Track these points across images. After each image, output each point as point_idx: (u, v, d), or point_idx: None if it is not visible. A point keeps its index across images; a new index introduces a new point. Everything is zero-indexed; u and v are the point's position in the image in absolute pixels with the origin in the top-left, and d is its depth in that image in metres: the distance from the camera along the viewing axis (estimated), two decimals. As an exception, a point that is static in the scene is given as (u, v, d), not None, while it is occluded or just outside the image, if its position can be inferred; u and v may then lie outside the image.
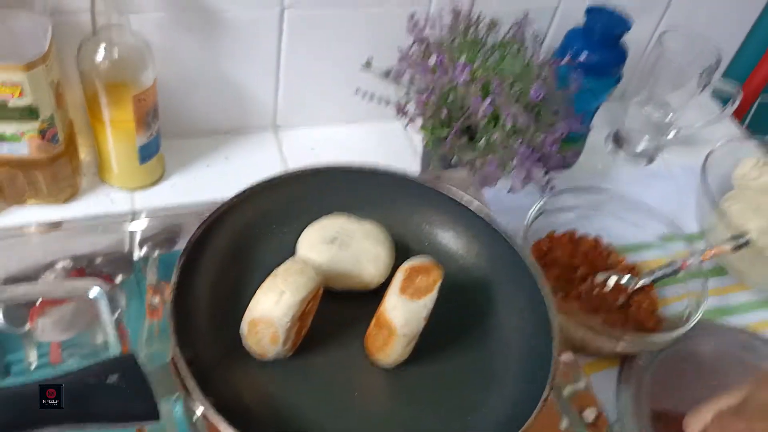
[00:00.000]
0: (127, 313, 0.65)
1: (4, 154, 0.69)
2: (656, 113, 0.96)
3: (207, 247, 0.54)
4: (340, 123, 0.93)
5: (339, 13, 0.82)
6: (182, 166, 0.84)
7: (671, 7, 0.98)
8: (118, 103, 0.71)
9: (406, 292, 0.48)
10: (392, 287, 0.50)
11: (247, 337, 0.50)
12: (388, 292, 0.50)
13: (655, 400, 0.73)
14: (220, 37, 0.79)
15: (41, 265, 0.71)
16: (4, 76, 0.63)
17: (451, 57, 0.77)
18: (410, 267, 0.50)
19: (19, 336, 0.64)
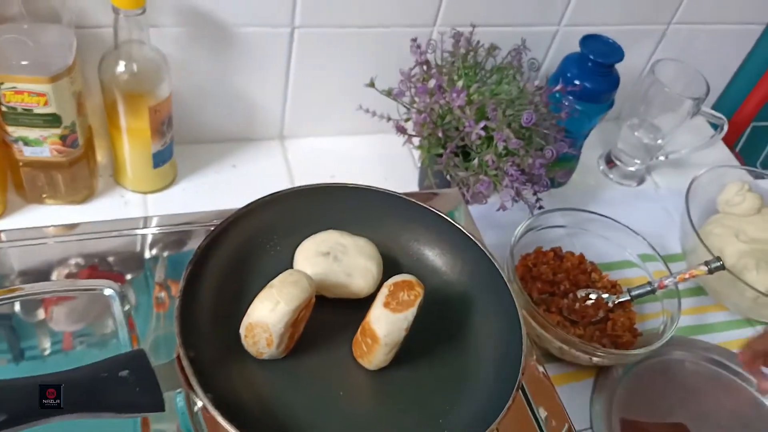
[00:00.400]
0: (136, 308, 0.70)
1: (27, 156, 0.74)
2: (647, 137, 1.00)
3: (212, 256, 0.59)
4: (343, 135, 0.97)
5: (346, 33, 0.86)
6: (193, 172, 0.89)
7: (666, 38, 1.02)
8: (135, 113, 0.75)
9: (389, 306, 0.53)
10: (377, 300, 0.54)
11: (245, 339, 0.55)
12: (373, 305, 0.55)
13: (625, 410, 0.77)
14: (233, 52, 0.83)
15: (56, 261, 0.76)
16: (31, 87, 0.68)
17: (450, 80, 0.82)
18: (394, 283, 0.55)
19: (33, 324, 0.69)
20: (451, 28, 0.85)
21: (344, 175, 0.91)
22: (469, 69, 0.83)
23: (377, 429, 0.55)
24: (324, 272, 0.60)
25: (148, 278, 0.75)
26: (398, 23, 0.86)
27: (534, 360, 0.70)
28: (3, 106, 0.69)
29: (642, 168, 1.05)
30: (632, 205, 1.02)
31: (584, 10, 0.93)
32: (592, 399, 0.78)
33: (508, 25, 0.90)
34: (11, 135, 0.72)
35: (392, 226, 0.65)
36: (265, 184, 0.73)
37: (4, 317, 0.68)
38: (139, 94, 0.74)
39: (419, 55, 0.82)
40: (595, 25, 0.94)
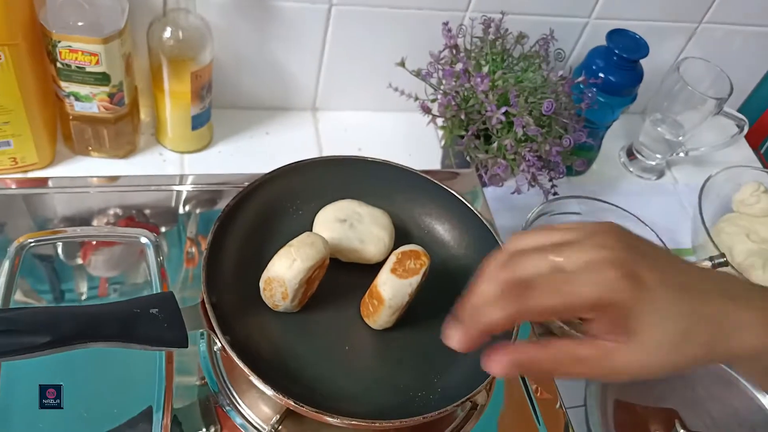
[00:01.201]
0: (168, 259, 0.76)
1: (77, 111, 0.80)
2: (669, 132, 1.02)
3: (239, 215, 0.64)
4: (372, 110, 1.01)
5: (381, 12, 0.90)
6: (228, 136, 0.94)
7: (695, 36, 1.04)
8: (178, 77, 0.80)
9: (396, 272, 0.58)
10: (385, 266, 0.59)
11: (263, 292, 0.61)
12: (382, 270, 0.59)
13: (619, 392, 0.81)
14: (273, 24, 0.88)
15: (96, 210, 0.81)
16: (84, 46, 0.73)
17: (477, 65, 0.85)
18: (402, 251, 0.59)
19: (72, 267, 0.75)
20: (482, 15, 0.88)
21: (370, 148, 0.95)
22: (496, 55, 0.87)
23: (377, 382, 0.60)
24: (339, 237, 0.65)
25: (180, 232, 0.80)
26: (432, 6, 0.89)
27: (534, 338, 0.74)
28: (58, 63, 0.74)
29: (662, 162, 1.07)
30: (649, 199, 1.04)
31: (615, 3, 0.95)
32: (588, 380, 0.82)
33: (538, 14, 0.93)
34: (64, 90, 0.77)
35: (407, 199, 0.70)
36: (294, 152, 0.78)
37: (47, 258, 0.74)
38: (183, 59, 0.79)
39: (449, 38, 0.85)
40: (625, 20, 0.96)
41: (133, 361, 0.61)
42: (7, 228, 0.77)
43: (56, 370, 0.59)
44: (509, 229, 0.85)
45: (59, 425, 0.57)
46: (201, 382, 0.64)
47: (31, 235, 0.68)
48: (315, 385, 0.57)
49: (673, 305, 0.42)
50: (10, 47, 0.69)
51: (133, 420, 0.58)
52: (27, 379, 0.59)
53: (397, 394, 0.59)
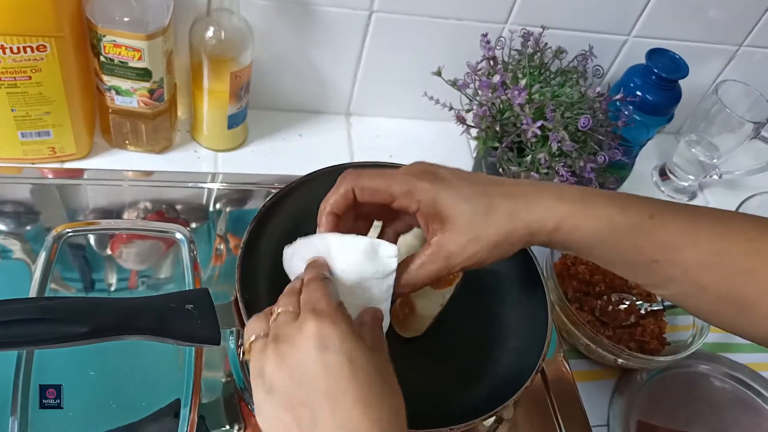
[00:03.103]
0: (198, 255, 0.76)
1: (117, 105, 0.81)
2: (704, 154, 1.01)
3: (274, 215, 0.64)
4: (406, 118, 1.02)
5: (421, 21, 0.90)
6: (262, 136, 0.95)
7: (735, 59, 1.03)
8: (217, 76, 0.81)
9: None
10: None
11: (295, 294, 0.61)
12: (415, 278, 0.59)
13: (643, 413, 0.80)
14: (313, 29, 0.88)
15: (128, 203, 0.83)
16: (128, 42, 0.74)
17: (514, 78, 0.85)
18: (437, 261, 0.59)
19: (104, 259, 0.76)
20: (522, 28, 0.88)
21: (402, 156, 0.95)
22: (534, 69, 0.86)
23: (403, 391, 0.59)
24: (372, 243, 0.65)
25: (210, 229, 0.81)
26: (471, 17, 0.90)
27: (561, 355, 0.73)
28: (102, 56, 0.75)
29: (695, 184, 1.06)
30: (679, 220, 1.03)
31: (656, 23, 0.94)
32: (612, 398, 0.81)
33: (577, 30, 0.93)
34: (106, 84, 0.78)
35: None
36: (326, 156, 0.78)
37: (79, 248, 0.75)
38: (223, 59, 0.80)
39: (488, 50, 0.85)
40: (665, 39, 0.96)
41: (162, 355, 0.62)
42: (42, 217, 0.79)
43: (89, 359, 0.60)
44: (538, 243, 0.85)
45: (88, 414, 0.58)
46: (227, 379, 0.64)
47: (68, 225, 0.70)
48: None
49: (468, 188, 0.51)
50: (56, 39, 0.71)
51: (159, 412, 0.59)
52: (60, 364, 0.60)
53: (424, 403, 0.58)
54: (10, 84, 0.72)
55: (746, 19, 0.98)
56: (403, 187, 0.52)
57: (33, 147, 0.80)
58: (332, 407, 0.41)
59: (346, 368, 0.42)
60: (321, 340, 0.42)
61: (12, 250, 0.74)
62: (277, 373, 0.43)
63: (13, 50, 0.69)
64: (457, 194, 0.51)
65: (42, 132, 0.79)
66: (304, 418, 0.41)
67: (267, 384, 0.43)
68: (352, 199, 0.53)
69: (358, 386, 0.42)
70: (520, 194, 0.52)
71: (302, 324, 0.44)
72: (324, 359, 0.42)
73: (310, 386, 0.41)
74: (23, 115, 0.76)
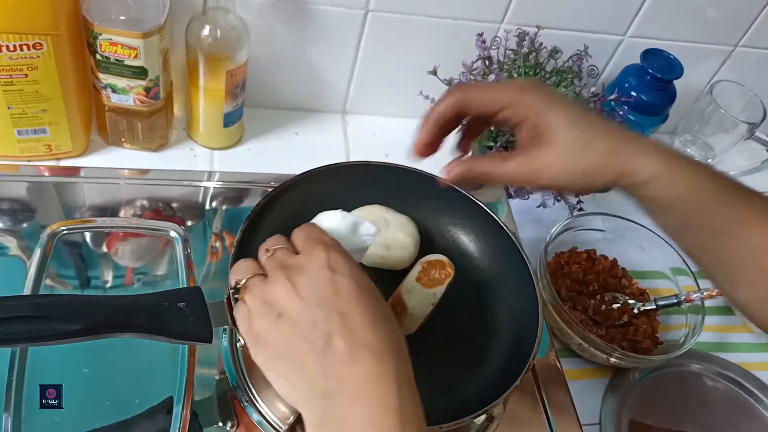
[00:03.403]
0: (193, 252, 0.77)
1: (113, 103, 0.81)
2: (699, 154, 1.02)
3: (268, 214, 0.65)
4: (401, 117, 1.02)
5: (416, 20, 0.90)
6: (258, 134, 0.95)
7: (731, 59, 1.03)
8: (213, 74, 0.81)
9: (421, 281, 0.58)
10: (411, 274, 0.60)
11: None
12: (407, 278, 0.60)
13: (635, 412, 0.81)
14: (309, 27, 0.88)
15: (124, 201, 0.83)
16: (124, 40, 0.74)
17: (509, 77, 0.85)
18: (428, 261, 0.60)
19: (99, 256, 0.77)
20: (517, 27, 0.88)
21: (398, 155, 0.95)
22: (529, 69, 0.87)
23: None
24: (366, 242, 0.65)
25: (206, 227, 0.81)
26: (467, 17, 0.90)
27: (553, 353, 0.74)
28: (98, 54, 0.76)
29: (689, 184, 1.06)
30: (674, 219, 1.04)
31: (651, 23, 0.94)
32: (604, 397, 0.81)
33: (573, 30, 0.93)
34: (102, 81, 0.79)
35: (433, 208, 0.70)
36: (322, 154, 0.79)
37: (76, 246, 0.76)
38: (219, 57, 0.80)
39: (483, 50, 0.86)
40: (661, 39, 0.96)
41: (156, 352, 0.62)
42: (38, 215, 0.79)
43: (82, 356, 0.61)
44: (532, 241, 0.85)
45: (82, 411, 0.59)
46: (220, 377, 0.65)
47: (63, 223, 0.70)
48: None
49: (578, 118, 0.53)
50: (53, 37, 0.71)
51: (152, 410, 0.59)
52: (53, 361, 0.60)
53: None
54: (6, 81, 0.73)
55: (741, 19, 0.98)
56: (510, 99, 0.54)
57: (29, 145, 0.81)
58: (344, 325, 0.44)
59: (355, 290, 0.45)
60: (331, 265, 0.46)
61: (8, 248, 0.74)
62: (287, 298, 0.45)
63: (9, 48, 0.70)
64: (564, 117, 0.53)
65: (38, 129, 0.79)
66: (318, 336, 0.43)
67: (275, 310, 0.45)
68: (456, 110, 0.56)
69: (366, 306, 0.45)
70: (624, 137, 0.53)
71: (311, 252, 0.47)
72: (335, 281, 0.45)
73: (324, 306, 0.44)
74: (20, 113, 0.77)
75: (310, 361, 0.43)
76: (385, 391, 0.42)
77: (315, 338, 0.43)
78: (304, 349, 0.44)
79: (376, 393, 0.42)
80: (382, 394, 0.42)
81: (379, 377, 0.42)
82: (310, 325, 0.44)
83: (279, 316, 0.45)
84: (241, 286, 0.49)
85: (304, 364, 0.44)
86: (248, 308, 0.48)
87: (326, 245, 0.48)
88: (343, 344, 0.43)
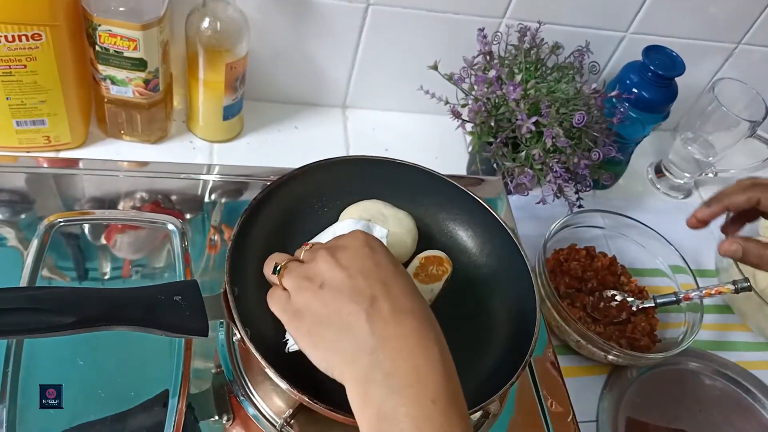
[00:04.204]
0: (191, 245, 0.76)
1: (112, 95, 0.81)
2: (700, 152, 1.01)
3: (266, 208, 0.64)
4: (401, 111, 1.02)
5: (418, 15, 0.90)
6: (258, 128, 0.95)
7: (733, 57, 1.03)
8: (213, 67, 0.81)
9: (418, 276, 0.58)
10: (408, 269, 0.59)
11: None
12: (405, 272, 0.60)
13: (632, 410, 0.81)
14: (310, 20, 0.88)
15: (123, 193, 0.83)
16: (124, 32, 0.74)
17: (510, 73, 0.85)
18: (426, 257, 0.60)
19: (97, 248, 0.77)
20: (519, 23, 0.88)
21: (397, 149, 0.96)
22: (530, 64, 0.86)
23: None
24: (363, 237, 0.65)
25: (204, 220, 0.81)
26: (468, 12, 0.89)
27: (551, 350, 0.74)
28: (97, 46, 0.75)
29: (690, 182, 1.06)
30: (674, 217, 1.03)
31: (654, 19, 0.94)
32: (602, 394, 0.81)
33: (574, 26, 0.92)
34: (101, 73, 0.78)
35: (432, 203, 0.70)
36: (322, 148, 0.78)
37: (74, 237, 0.75)
38: (219, 50, 0.80)
39: (484, 45, 0.85)
40: (663, 36, 0.96)
41: (152, 345, 0.62)
42: (36, 206, 0.79)
43: (78, 348, 0.61)
44: (531, 238, 0.85)
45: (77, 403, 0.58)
46: (217, 371, 0.65)
47: (61, 214, 0.70)
48: (330, 382, 0.58)
49: None
50: (52, 28, 0.71)
51: (148, 402, 0.59)
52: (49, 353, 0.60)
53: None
54: (5, 72, 0.72)
55: (744, 16, 0.98)
56: None
57: (28, 136, 0.80)
58: (387, 292, 0.47)
59: (392, 265, 0.50)
60: (370, 243, 0.51)
61: (5, 239, 0.74)
62: (331, 270, 0.48)
63: (8, 38, 0.69)
64: None
65: (37, 121, 0.79)
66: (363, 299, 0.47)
67: (318, 282, 0.48)
68: (752, 204, 0.69)
69: (404, 280, 0.49)
70: None
71: (349, 235, 0.52)
72: (375, 257, 0.49)
73: (366, 275, 0.48)
74: (18, 104, 0.76)
75: (356, 321, 0.46)
76: (430, 349, 0.45)
77: (360, 301, 0.46)
78: (349, 310, 0.46)
79: (421, 348, 0.45)
80: (427, 350, 0.45)
81: (422, 337, 0.46)
82: (355, 291, 0.47)
83: (321, 287, 0.48)
84: (281, 267, 0.52)
85: (350, 323, 0.46)
86: (286, 289, 0.51)
87: (362, 232, 0.52)
88: (387, 307, 0.46)
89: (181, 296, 0.50)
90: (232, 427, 0.61)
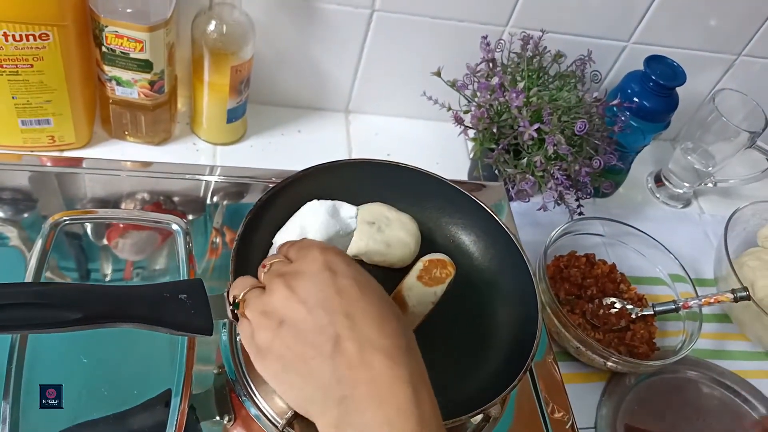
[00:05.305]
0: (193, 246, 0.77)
1: (117, 96, 0.81)
2: (699, 162, 1.02)
3: (270, 210, 0.65)
4: (404, 117, 1.02)
5: (422, 21, 0.90)
6: (261, 131, 0.95)
7: (734, 68, 1.04)
8: (218, 70, 0.82)
9: (422, 279, 0.59)
10: (412, 273, 0.60)
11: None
12: (407, 276, 0.60)
13: (631, 417, 0.81)
14: (315, 25, 0.89)
15: (126, 193, 0.83)
16: (130, 33, 0.74)
17: (512, 80, 0.86)
18: (429, 260, 0.60)
19: (99, 248, 0.77)
20: (522, 31, 0.89)
21: (400, 154, 0.95)
22: (532, 72, 0.87)
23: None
24: (366, 240, 0.65)
25: (206, 222, 0.81)
26: (472, 19, 0.90)
27: (551, 356, 0.74)
28: (104, 47, 0.76)
29: (689, 191, 1.07)
30: (673, 226, 1.04)
31: (655, 30, 0.95)
32: (600, 401, 0.82)
33: (577, 35, 0.93)
34: (107, 74, 0.79)
35: (435, 207, 0.70)
36: (324, 152, 0.79)
37: (75, 237, 0.76)
38: (224, 53, 0.80)
39: (487, 52, 0.86)
40: (664, 46, 0.96)
41: (155, 345, 0.62)
42: (40, 205, 0.79)
43: (82, 346, 0.61)
44: (532, 244, 0.86)
45: (80, 401, 0.59)
46: (219, 371, 0.65)
47: (65, 213, 0.70)
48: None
49: None
50: (59, 28, 0.71)
51: (151, 401, 0.59)
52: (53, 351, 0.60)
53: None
54: (11, 71, 0.73)
55: (745, 29, 0.99)
56: None
57: (33, 135, 0.81)
58: (351, 326, 0.42)
59: (355, 290, 0.44)
60: (330, 266, 0.45)
61: (9, 237, 0.74)
62: (288, 306, 0.44)
63: (15, 38, 0.70)
64: None
65: (42, 120, 0.79)
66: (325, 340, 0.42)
67: (276, 319, 0.44)
68: None
69: (371, 305, 0.44)
70: None
71: (307, 255, 0.46)
72: (336, 282, 0.44)
73: (327, 308, 0.43)
74: (24, 103, 0.77)
75: (320, 368, 0.42)
76: (401, 394, 0.41)
77: (322, 342, 0.42)
78: (311, 355, 0.42)
79: (392, 395, 0.41)
80: (398, 396, 0.41)
81: (393, 379, 0.41)
82: (316, 330, 0.42)
83: (280, 325, 0.44)
84: (239, 301, 0.48)
85: (312, 371, 0.42)
86: (249, 323, 0.46)
87: (321, 248, 0.47)
88: (353, 347, 0.42)
89: (186, 295, 0.50)
90: (234, 427, 0.61)
